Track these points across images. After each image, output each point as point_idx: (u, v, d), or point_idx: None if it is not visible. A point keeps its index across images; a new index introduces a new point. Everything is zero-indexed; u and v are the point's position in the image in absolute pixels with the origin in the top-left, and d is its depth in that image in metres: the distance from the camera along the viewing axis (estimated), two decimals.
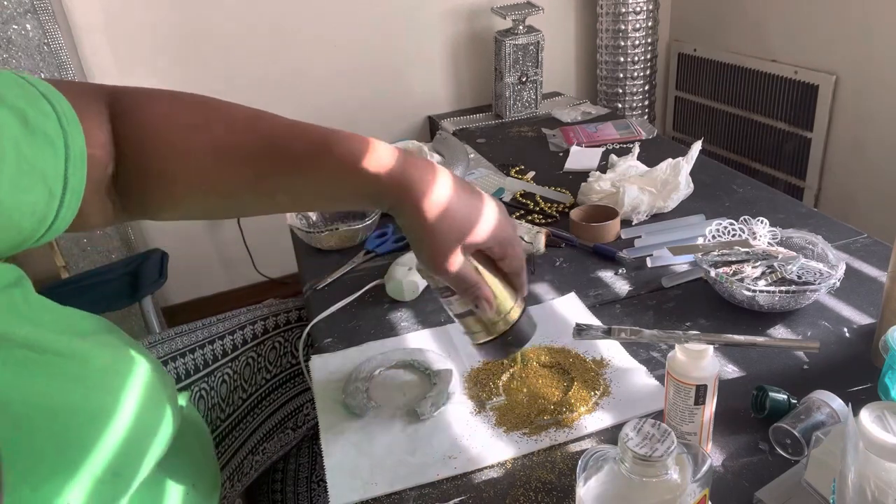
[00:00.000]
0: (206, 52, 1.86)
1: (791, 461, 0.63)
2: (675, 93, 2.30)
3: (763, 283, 0.85)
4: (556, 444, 0.68)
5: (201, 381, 0.87)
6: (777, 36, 1.90)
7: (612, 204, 1.11)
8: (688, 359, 0.59)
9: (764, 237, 0.92)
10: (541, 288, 0.96)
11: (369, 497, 0.64)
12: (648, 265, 0.98)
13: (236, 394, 0.90)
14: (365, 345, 0.86)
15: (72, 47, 1.64)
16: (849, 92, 1.74)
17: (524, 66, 1.86)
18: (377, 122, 2.09)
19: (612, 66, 2.06)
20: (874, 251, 0.96)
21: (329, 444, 0.70)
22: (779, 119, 1.94)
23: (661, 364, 0.77)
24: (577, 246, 1.05)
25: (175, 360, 0.86)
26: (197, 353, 0.88)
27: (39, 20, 1.45)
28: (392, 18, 2.00)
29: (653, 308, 0.89)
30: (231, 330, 0.93)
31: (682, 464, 0.48)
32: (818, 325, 0.82)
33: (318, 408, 0.76)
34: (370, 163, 0.56)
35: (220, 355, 0.90)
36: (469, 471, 0.66)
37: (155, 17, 1.78)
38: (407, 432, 0.71)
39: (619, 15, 1.97)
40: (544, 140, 1.59)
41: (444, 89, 2.15)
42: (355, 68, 2.02)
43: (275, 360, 0.96)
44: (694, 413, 0.60)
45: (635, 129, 1.56)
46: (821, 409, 0.63)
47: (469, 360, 0.81)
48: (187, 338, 0.90)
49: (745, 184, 1.22)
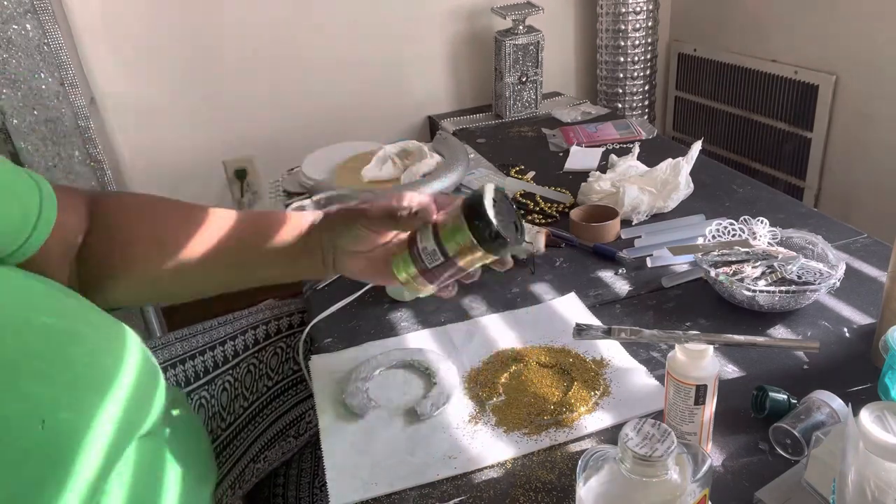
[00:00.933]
0: (205, 53, 1.86)
1: (791, 461, 0.63)
2: (675, 93, 2.29)
3: (763, 283, 0.85)
4: (556, 444, 0.68)
5: (201, 388, 0.86)
6: (777, 36, 1.90)
7: (612, 204, 1.11)
8: (688, 359, 0.59)
9: (764, 237, 0.92)
10: (541, 288, 0.96)
11: (369, 497, 0.64)
12: (648, 265, 0.98)
13: (237, 402, 0.89)
14: (365, 345, 0.86)
15: (72, 47, 1.64)
16: (849, 92, 1.74)
17: (524, 66, 1.86)
18: (377, 122, 2.09)
19: (612, 66, 2.06)
20: (874, 251, 0.96)
21: (329, 444, 0.70)
22: (779, 119, 1.94)
23: (661, 364, 0.77)
24: (577, 246, 1.05)
25: (175, 367, 0.85)
26: (197, 359, 0.87)
27: (39, 20, 1.45)
28: (392, 18, 2.00)
29: (653, 308, 0.89)
30: (232, 335, 0.92)
31: (682, 464, 0.48)
32: (818, 325, 0.82)
33: (318, 408, 0.76)
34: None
35: (220, 362, 0.89)
36: (469, 471, 0.66)
37: (155, 17, 1.78)
38: (407, 432, 0.71)
39: (619, 15, 1.97)
40: (544, 140, 1.59)
41: (444, 89, 2.15)
42: (355, 68, 2.02)
43: (276, 367, 0.95)
44: (694, 413, 0.60)
45: (635, 129, 1.56)
46: (821, 409, 0.63)
47: (469, 359, 0.81)
48: (187, 343, 0.89)
49: (745, 184, 1.22)
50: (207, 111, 1.92)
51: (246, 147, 1.99)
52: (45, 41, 1.46)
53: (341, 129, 1.97)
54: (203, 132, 1.93)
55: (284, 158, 1.63)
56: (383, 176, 1.33)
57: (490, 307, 0.92)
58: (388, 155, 1.35)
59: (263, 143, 1.99)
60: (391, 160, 1.35)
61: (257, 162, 2.01)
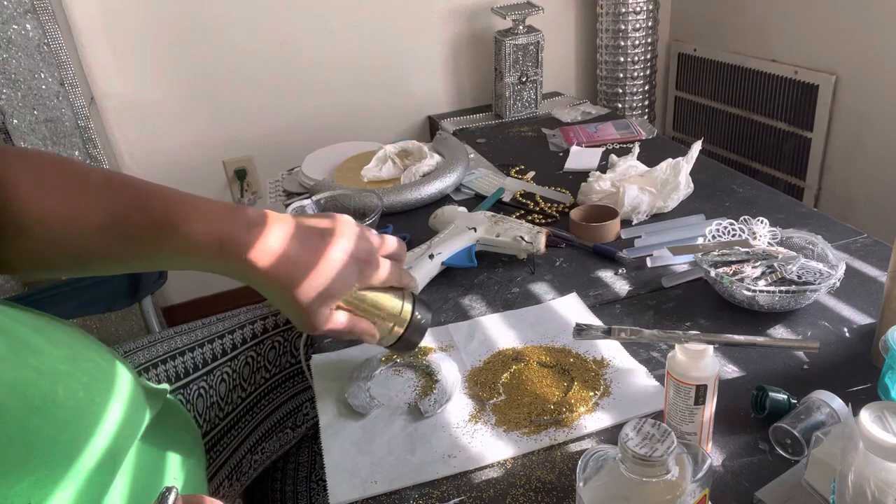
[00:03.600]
0: (205, 53, 1.86)
1: (791, 461, 0.63)
2: (675, 93, 2.30)
3: (763, 283, 0.85)
4: (555, 443, 0.68)
5: (200, 379, 0.87)
6: (777, 36, 1.90)
7: (612, 204, 1.11)
8: (688, 359, 0.59)
9: (764, 237, 0.92)
10: (541, 288, 0.96)
11: (369, 496, 0.64)
12: (648, 265, 0.98)
13: (235, 392, 0.90)
14: (365, 344, 0.86)
15: (72, 47, 1.64)
16: (849, 92, 1.74)
17: (524, 66, 1.86)
18: (377, 121, 2.09)
19: (612, 66, 2.06)
20: (874, 251, 0.96)
21: (329, 443, 0.70)
22: (779, 119, 1.94)
23: (661, 364, 0.77)
24: (577, 246, 1.05)
25: (174, 359, 0.86)
26: (196, 351, 0.88)
27: (39, 20, 1.45)
28: (392, 18, 2.00)
29: (653, 308, 0.89)
30: (230, 329, 0.93)
31: (682, 464, 0.48)
32: (818, 325, 0.82)
33: (319, 407, 0.76)
34: (219, 243, 0.56)
35: (219, 354, 0.90)
36: (469, 470, 0.66)
37: (155, 17, 1.78)
38: (407, 431, 0.71)
39: (619, 15, 1.97)
40: (544, 140, 1.59)
41: (444, 89, 2.15)
42: (355, 68, 2.02)
43: (274, 360, 0.96)
44: (694, 413, 0.60)
45: (635, 129, 1.56)
46: (821, 409, 0.63)
47: (469, 359, 0.81)
48: (186, 337, 0.90)
49: (745, 184, 1.22)
50: (207, 111, 1.92)
51: (246, 147, 1.99)
52: (45, 41, 1.46)
53: (341, 129, 1.97)
54: (203, 132, 1.93)
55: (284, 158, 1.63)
56: (383, 176, 1.33)
57: (490, 307, 0.92)
58: (388, 155, 1.35)
59: (263, 143, 1.99)
60: (391, 160, 1.35)
61: (257, 162, 2.01)
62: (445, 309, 0.92)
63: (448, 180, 1.26)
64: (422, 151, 1.35)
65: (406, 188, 1.23)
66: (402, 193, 1.22)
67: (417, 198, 1.22)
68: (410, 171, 1.30)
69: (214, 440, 0.87)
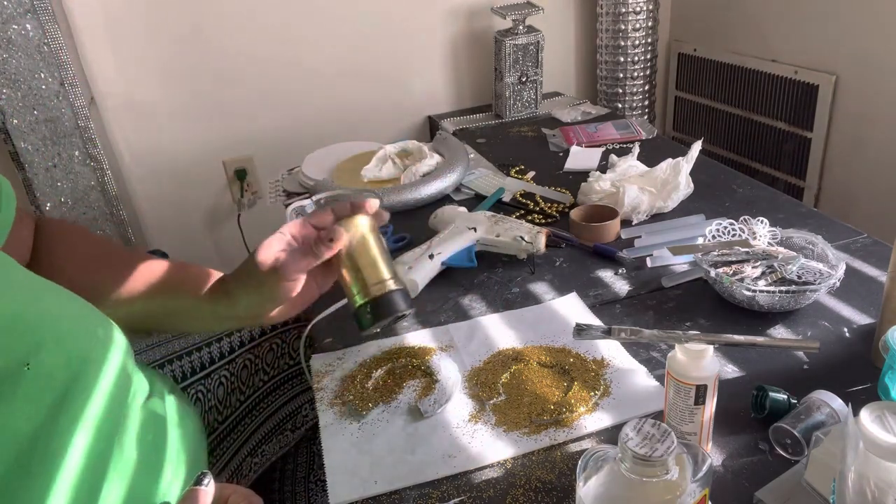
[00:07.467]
0: (205, 53, 1.86)
1: (791, 461, 0.63)
2: (675, 93, 2.29)
3: (763, 283, 0.85)
4: (555, 443, 0.68)
5: (198, 383, 0.87)
6: (777, 36, 1.90)
7: (612, 204, 1.11)
8: (688, 359, 0.59)
9: (764, 237, 0.92)
10: (541, 288, 0.96)
11: (369, 496, 0.64)
12: (648, 265, 0.98)
13: (234, 396, 0.90)
14: (365, 344, 0.86)
15: (72, 47, 1.64)
16: (849, 92, 1.74)
17: (524, 66, 1.86)
18: (377, 121, 2.09)
19: (612, 66, 2.06)
20: (874, 251, 0.96)
21: (329, 443, 0.70)
22: (779, 119, 1.94)
23: (661, 364, 0.77)
24: (577, 246, 1.05)
25: (172, 363, 0.86)
26: (194, 355, 0.88)
27: (39, 20, 1.45)
28: (392, 18, 2.00)
29: (653, 308, 0.89)
30: (228, 332, 0.93)
31: (682, 464, 0.48)
32: (818, 325, 0.82)
33: (319, 407, 0.76)
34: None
35: (217, 357, 0.90)
36: (469, 470, 0.66)
37: (155, 17, 1.78)
38: (407, 431, 0.71)
39: (619, 15, 1.97)
40: (544, 140, 1.59)
41: (444, 89, 2.15)
42: (355, 68, 2.01)
43: (272, 362, 0.96)
44: (694, 413, 0.60)
45: (635, 129, 1.56)
46: (821, 409, 0.63)
47: (469, 359, 0.81)
48: (184, 340, 0.90)
49: (745, 184, 1.22)
50: (207, 111, 1.92)
51: (246, 147, 1.99)
52: (45, 41, 1.46)
53: (341, 129, 1.96)
54: (203, 132, 1.93)
55: (284, 158, 1.62)
56: (383, 176, 1.33)
57: (490, 307, 0.92)
58: (388, 155, 1.35)
59: (263, 143, 1.99)
60: (391, 160, 1.35)
61: (257, 162, 2.01)
62: (445, 309, 0.92)
63: (448, 180, 1.26)
64: (422, 151, 1.35)
65: (406, 188, 1.23)
66: (402, 193, 1.22)
67: (417, 198, 1.22)
68: (410, 171, 1.30)
69: (213, 444, 0.87)
